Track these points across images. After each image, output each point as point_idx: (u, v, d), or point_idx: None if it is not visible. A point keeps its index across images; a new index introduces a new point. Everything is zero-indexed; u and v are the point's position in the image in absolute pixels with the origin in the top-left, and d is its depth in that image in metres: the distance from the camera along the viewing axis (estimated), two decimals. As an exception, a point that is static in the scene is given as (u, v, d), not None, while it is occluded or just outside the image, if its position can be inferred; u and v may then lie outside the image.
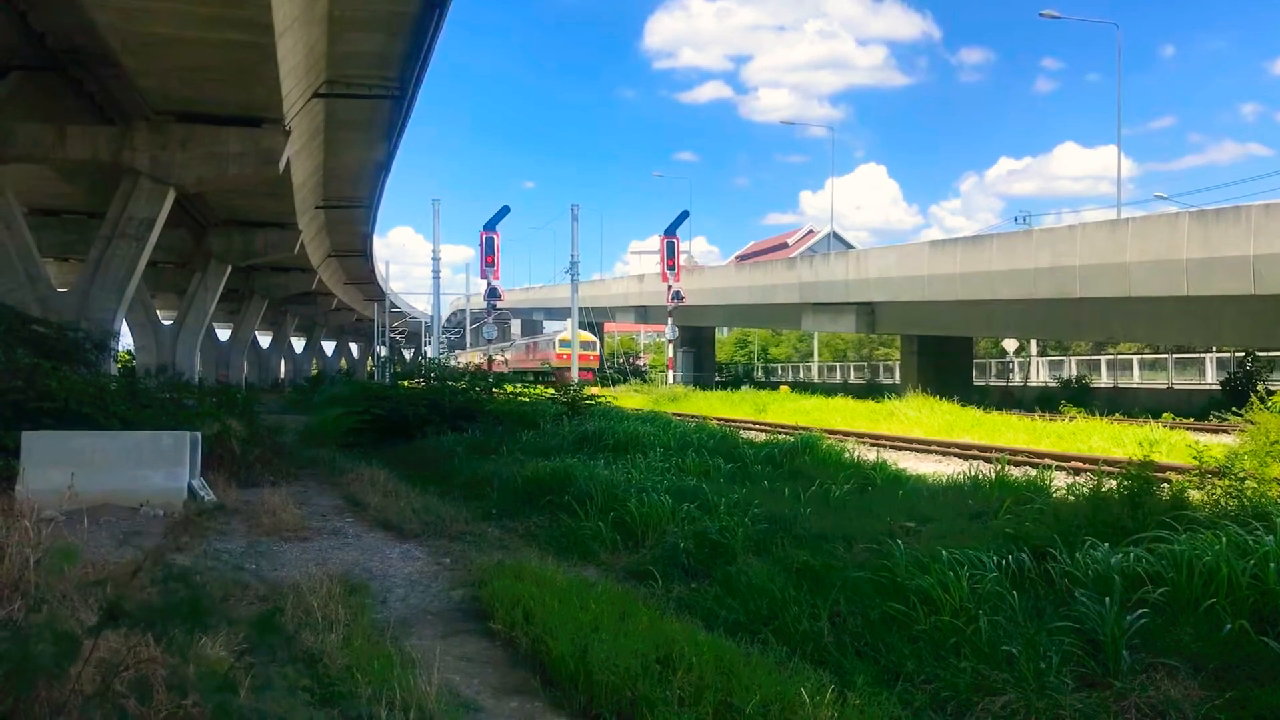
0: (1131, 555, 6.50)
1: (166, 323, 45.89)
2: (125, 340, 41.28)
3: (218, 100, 22.69)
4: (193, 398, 20.81)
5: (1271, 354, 37.06)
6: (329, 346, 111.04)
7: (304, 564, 8.73)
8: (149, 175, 24.16)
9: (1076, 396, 36.61)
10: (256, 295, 55.32)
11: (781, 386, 49.75)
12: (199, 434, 12.83)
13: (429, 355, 59.05)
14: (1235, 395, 26.52)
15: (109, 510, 10.65)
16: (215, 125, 23.99)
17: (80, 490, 10.10)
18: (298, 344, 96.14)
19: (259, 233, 38.25)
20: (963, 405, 27.26)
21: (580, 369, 61.81)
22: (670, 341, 51.50)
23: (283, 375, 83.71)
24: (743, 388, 48.80)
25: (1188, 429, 18.95)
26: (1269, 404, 15.66)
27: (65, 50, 21.14)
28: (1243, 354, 37.27)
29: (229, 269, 40.15)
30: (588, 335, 68.46)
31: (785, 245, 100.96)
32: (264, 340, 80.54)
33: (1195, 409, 31.35)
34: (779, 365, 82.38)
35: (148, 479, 11.38)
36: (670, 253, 51.87)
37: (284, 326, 78.32)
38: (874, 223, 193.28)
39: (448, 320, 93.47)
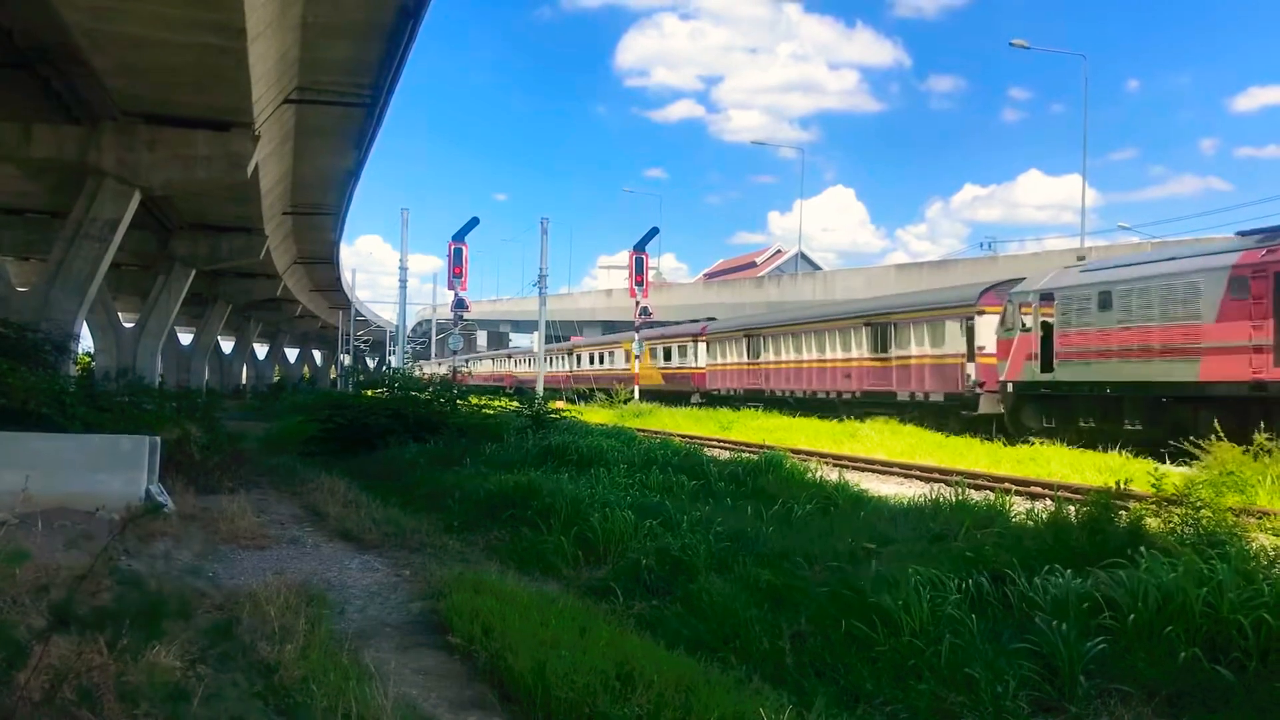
0: (1089, 581, 6.56)
1: (128, 325, 45.36)
2: (85, 342, 40.81)
3: (187, 103, 22.53)
4: (153, 402, 20.58)
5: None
6: (292, 353, 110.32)
7: (261, 572, 8.64)
8: (115, 176, 23.93)
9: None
10: (220, 300, 54.85)
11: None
12: (158, 439, 12.67)
13: (393, 364, 58.66)
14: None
15: (64, 514, 10.48)
16: (183, 128, 23.81)
17: (35, 493, 9.95)
18: (261, 350, 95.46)
19: (225, 237, 37.92)
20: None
21: None
22: (637, 357, 51.40)
23: (245, 381, 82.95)
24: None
25: (1146, 456, 19.14)
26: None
27: (33, 48, 20.91)
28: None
29: (193, 273, 39.79)
30: None
31: (753, 264, 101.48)
32: (226, 346, 79.88)
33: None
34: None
35: (105, 483, 11.22)
36: (639, 268, 51.85)
37: (247, 332, 77.73)
38: (841, 244, 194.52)
39: (413, 330, 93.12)
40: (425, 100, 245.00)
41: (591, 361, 60.27)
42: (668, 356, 50.54)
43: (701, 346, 46.35)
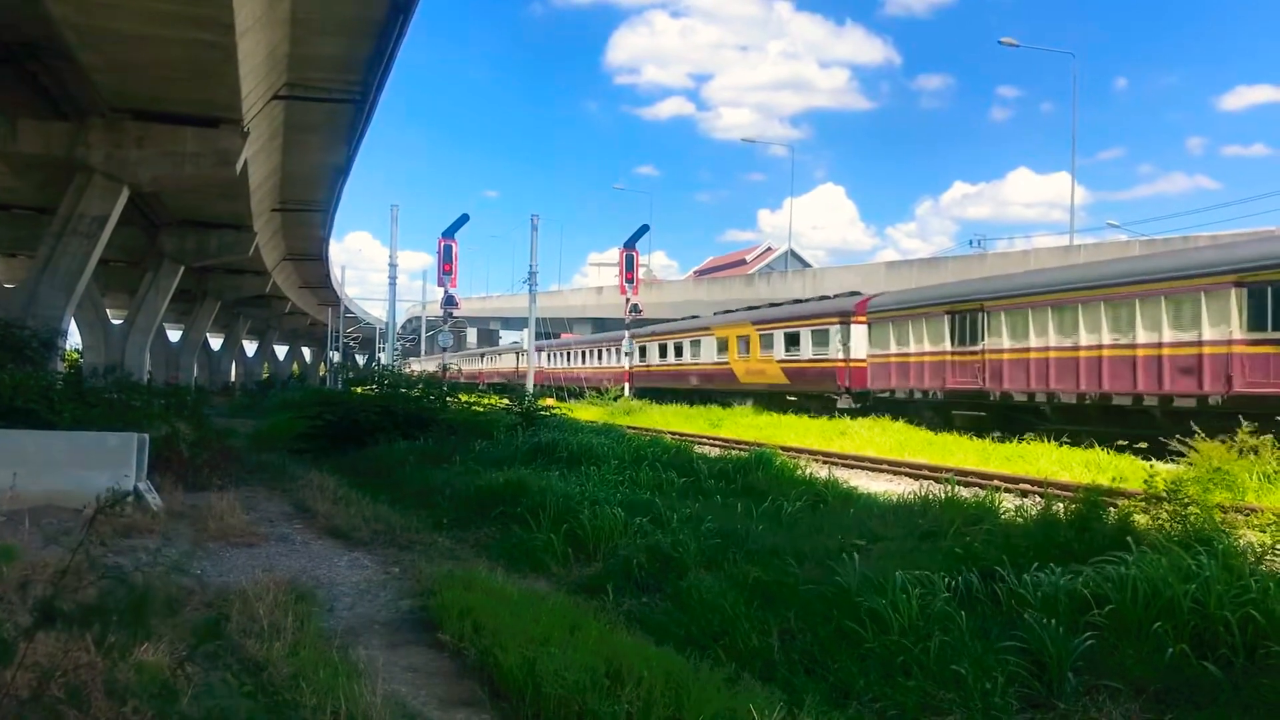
0: (1078, 578, 6.58)
1: (116, 322, 45.27)
2: (74, 339, 40.68)
3: (176, 99, 22.45)
4: (141, 399, 20.52)
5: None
6: (281, 350, 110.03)
7: (250, 570, 8.62)
8: (103, 172, 23.86)
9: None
10: (209, 297, 54.68)
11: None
12: (146, 436, 12.63)
13: (382, 362, 58.57)
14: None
15: (52, 511, 10.44)
16: (172, 124, 23.75)
17: (22, 490, 9.92)
18: (250, 347, 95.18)
19: (214, 234, 37.84)
20: (915, 425, 27.44)
21: None
22: (628, 354, 51.32)
23: (233, 378, 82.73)
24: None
25: (1133, 453, 19.20)
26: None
27: (20, 42, 20.83)
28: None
29: (182, 269, 39.67)
30: None
31: (743, 262, 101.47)
32: (215, 342, 79.66)
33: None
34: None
35: (92, 480, 11.13)
36: (629, 265, 51.84)
37: (236, 329, 77.47)
38: (831, 242, 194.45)
39: (403, 327, 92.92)
40: (415, 97, 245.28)
41: (662, 355, 48.42)
42: (792, 345, 35.47)
43: (857, 330, 32.17)
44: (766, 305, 41.39)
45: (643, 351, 50.87)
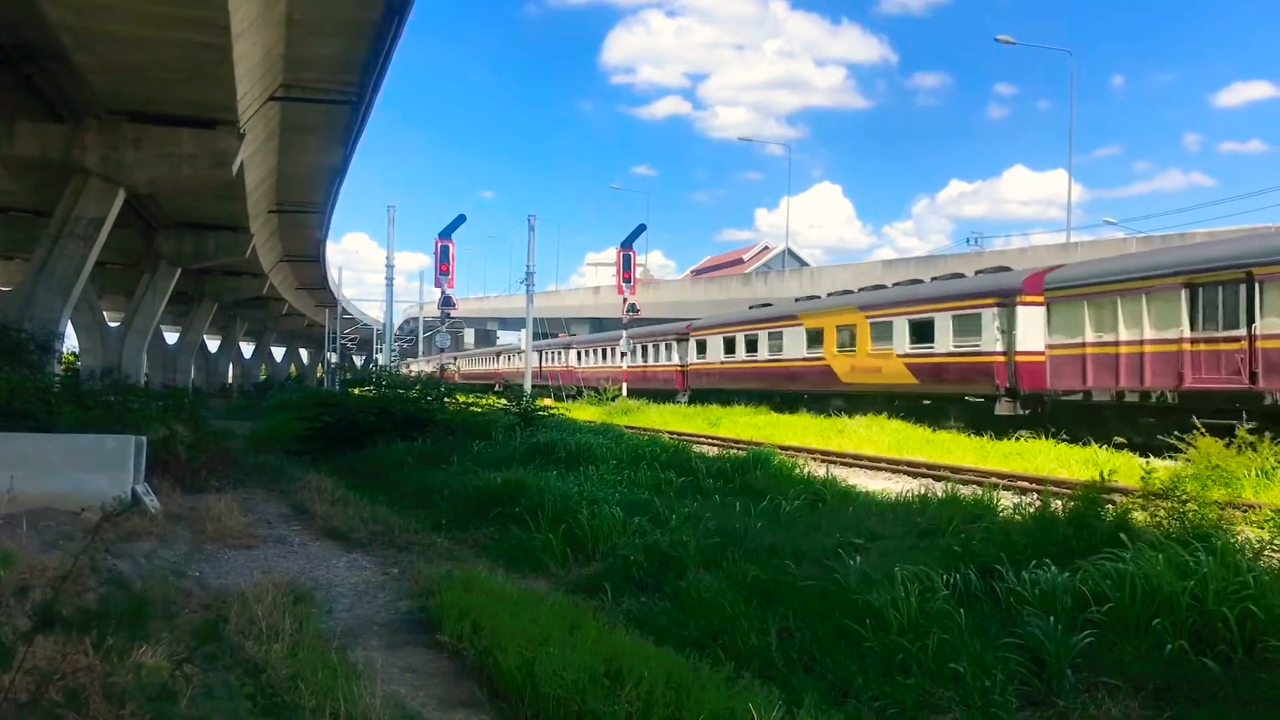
0: (1077, 575, 6.58)
1: (113, 324, 45.17)
2: (71, 341, 40.62)
3: (171, 100, 22.43)
4: (138, 401, 20.52)
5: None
6: (279, 352, 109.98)
7: (249, 572, 8.62)
8: (99, 174, 23.83)
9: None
10: (206, 298, 54.62)
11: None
12: (144, 438, 12.62)
13: (380, 363, 58.50)
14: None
15: (49, 514, 10.43)
16: (168, 126, 23.72)
17: (19, 493, 9.91)
18: (247, 349, 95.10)
19: (210, 235, 37.80)
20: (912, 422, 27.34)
21: None
22: (624, 354, 51.27)
23: (231, 380, 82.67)
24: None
25: (1130, 450, 19.19)
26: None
27: (15, 44, 20.79)
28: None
29: (178, 271, 39.64)
30: None
31: (741, 261, 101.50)
32: (213, 344, 79.58)
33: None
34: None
35: (90, 483, 11.16)
36: (626, 265, 51.77)
37: (233, 331, 77.44)
38: (828, 241, 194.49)
39: (400, 328, 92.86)
40: (411, 98, 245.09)
41: (728, 350, 40.39)
42: (921, 334, 28.03)
43: (1027, 313, 24.51)
44: (872, 287, 34.55)
45: (700, 348, 43.53)
